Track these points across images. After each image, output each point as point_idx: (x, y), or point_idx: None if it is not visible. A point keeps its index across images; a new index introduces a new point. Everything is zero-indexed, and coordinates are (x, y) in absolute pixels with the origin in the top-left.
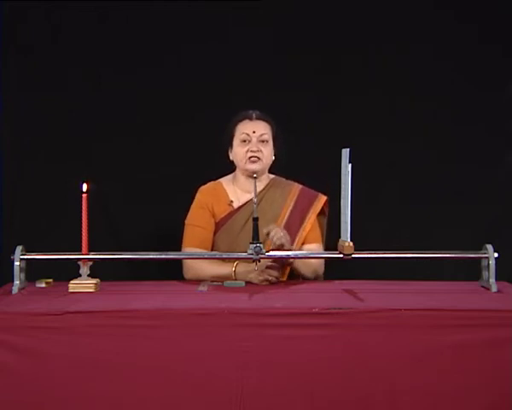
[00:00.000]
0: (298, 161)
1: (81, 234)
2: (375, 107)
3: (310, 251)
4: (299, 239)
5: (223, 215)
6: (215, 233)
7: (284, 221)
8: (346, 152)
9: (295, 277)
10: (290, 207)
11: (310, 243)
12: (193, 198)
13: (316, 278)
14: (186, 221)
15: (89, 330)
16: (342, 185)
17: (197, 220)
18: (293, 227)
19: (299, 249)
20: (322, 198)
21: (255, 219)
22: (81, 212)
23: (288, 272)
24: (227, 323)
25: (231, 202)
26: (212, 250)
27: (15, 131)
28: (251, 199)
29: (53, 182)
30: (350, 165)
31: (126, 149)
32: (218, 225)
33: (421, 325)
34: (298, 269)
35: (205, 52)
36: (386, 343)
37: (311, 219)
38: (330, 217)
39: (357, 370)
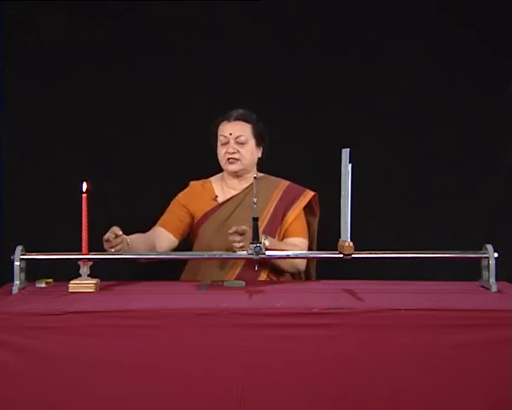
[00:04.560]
0: (297, 161)
1: (81, 234)
2: (374, 107)
3: (293, 245)
4: (279, 232)
5: (208, 209)
6: (200, 226)
7: (269, 215)
8: (346, 152)
9: (277, 271)
10: (275, 201)
11: (293, 236)
12: None
13: (297, 274)
14: (172, 201)
15: (89, 330)
16: (342, 185)
17: (173, 208)
18: (276, 220)
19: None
20: (310, 193)
21: (255, 220)
22: (81, 212)
23: (268, 267)
24: (227, 323)
25: (216, 196)
26: (195, 242)
27: (15, 131)
28: (235, 195)
29: (53, 182)
30: (350, 165)
31: (127, 149)
32: (203, 220)
33: (421, 324)
34: (275, 262)
35: (204, 52)
36: (386, 343)
37: (294, 212)
38: (330, 216)
39: (357, 370)
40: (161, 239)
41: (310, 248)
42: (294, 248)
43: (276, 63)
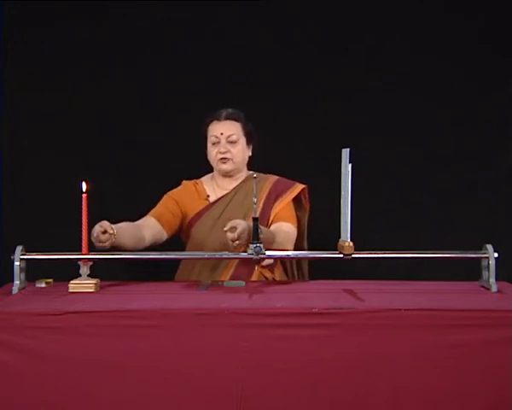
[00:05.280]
0: (297, 161)
1: (81, 234)
2: (374, 107)
3: (280, 228)
4: (268, 223)
5: (200, 208)
6: (192, 225)
7: (259, 210)
8: (346, 152)
9: (274, 265)
10: (265, 195)
11: (280, 220)
12: None
13: (289, 267)
14: (164, 196)
15: (89, 330)
16: (342, 185)
17: (166, 202)
18: (267, 214)
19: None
20: (299, 186)
21: (255, 219)
22: (81, 212)
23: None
24: (227, 323)
25: (208, 196)
26: (188, 242)
27: (15, 131)
28: (225, 194)
29: (53, 182)
30: (350, 165)
31: (126, 149)
32: (194, 219)
33: (421, 324)
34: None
35: (204, 52)
36: (386, 343)
37: (282, 203)
38: (329, 216)
39: (357, 370)
40: (153, 230)
41: (301, 246)
42: (281, 231)
43: (276, 63)
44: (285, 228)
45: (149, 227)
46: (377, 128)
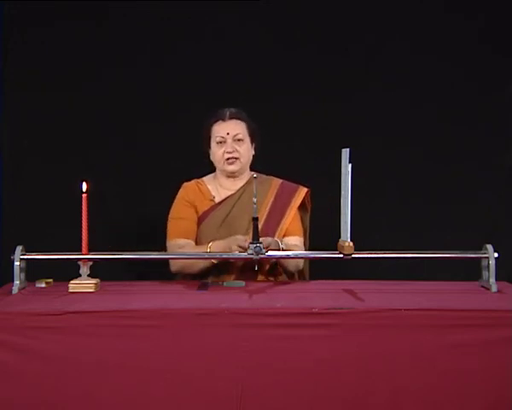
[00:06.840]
0: (297, 161)
1: (81, 234)
2: (374, 107)
3: (290, 244)
4: (278, 233)
5: (205, 209)
6: (198, 227)
7: (265, 216)
8: (346, 152)
9: (276, 271)
10: (271, 202)
11: (290, 235)
12: None
13: (296, 272)
14: (170, 216)
15: (89, 330)
16: (342, 185)
17: (181, 213)
18: (273, 220)
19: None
20: (303, 191)
21: (255, 219)
22: (81, 212)
23: (269, 267)
24: (227, 323)
25: (214, 197)
26: (195, 243)
27: (15, 131)
28: (231, 195)
29: (53, 182)
30: (350, 165)
31: (126, 149)
32: (200, 220)
33: (421, 324)
34: (280, 262)
35: (204, 52)
36: (386, 343)
37: (291, 214)
38: (329, 216)
39: (357, 370)
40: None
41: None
42: (296, 248)
43: (276, 63)
44: (298, 243)
45: (187, 248)
46: (377, 128)
